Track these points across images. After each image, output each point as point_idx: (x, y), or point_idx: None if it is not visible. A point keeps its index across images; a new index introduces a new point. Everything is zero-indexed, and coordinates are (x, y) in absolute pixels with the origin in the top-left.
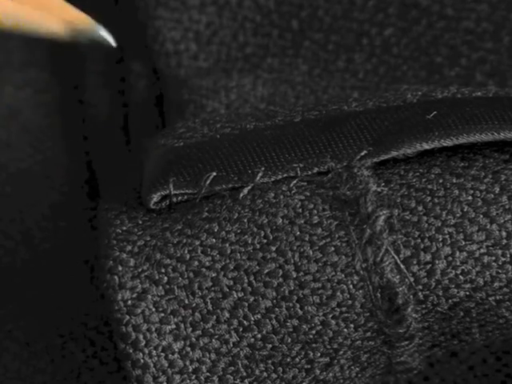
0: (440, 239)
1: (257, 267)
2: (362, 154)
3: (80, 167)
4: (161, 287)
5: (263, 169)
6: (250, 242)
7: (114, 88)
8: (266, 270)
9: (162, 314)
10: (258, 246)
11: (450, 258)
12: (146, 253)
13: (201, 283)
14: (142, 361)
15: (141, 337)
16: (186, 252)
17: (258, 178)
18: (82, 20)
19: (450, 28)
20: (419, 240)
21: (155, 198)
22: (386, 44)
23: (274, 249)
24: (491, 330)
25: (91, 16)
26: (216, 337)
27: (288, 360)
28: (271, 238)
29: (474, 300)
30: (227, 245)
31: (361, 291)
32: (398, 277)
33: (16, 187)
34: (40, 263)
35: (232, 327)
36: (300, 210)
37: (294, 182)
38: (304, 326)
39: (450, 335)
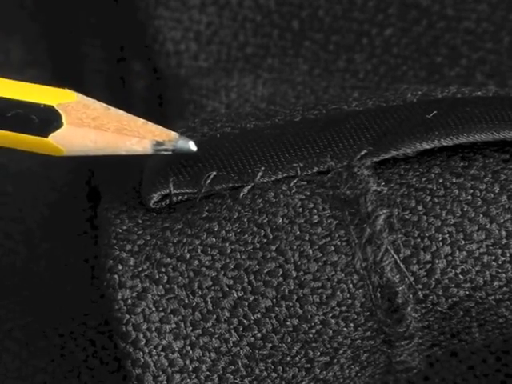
0: (440, 238)
1: (257, 266)
2: (362, 153)
3: (80, 167)
4: (161, 286)
5: (263, 168)
6: (250, 241)
7: (113, 88)
8: (266, 270)
9: (162, 313)
10: (258, 246)
11: (450, 258)
12: (146, 252)
13: (201, 282)
14: (142, 360)
15: (141, 336)
16: (186, 251)
17: (258, 177)
18: (163, 135)
19: (450, 28)
20: (419, 239)
21: (155, 197)
22: (387, 44)
23: (273, 248)
24: (491, 330)
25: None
26: (216, 336)
27: (288, 359)
28: (271, 237)
29: (473, 299)
30: (227, 244)
31: (361, 290)
32: (397, 276)
33: (16, 187)
34: (40, 263)
35: (232, 326)
36: (300, 210)
37: (294, 181)
38: (304, 326)
39: (450, 335)
